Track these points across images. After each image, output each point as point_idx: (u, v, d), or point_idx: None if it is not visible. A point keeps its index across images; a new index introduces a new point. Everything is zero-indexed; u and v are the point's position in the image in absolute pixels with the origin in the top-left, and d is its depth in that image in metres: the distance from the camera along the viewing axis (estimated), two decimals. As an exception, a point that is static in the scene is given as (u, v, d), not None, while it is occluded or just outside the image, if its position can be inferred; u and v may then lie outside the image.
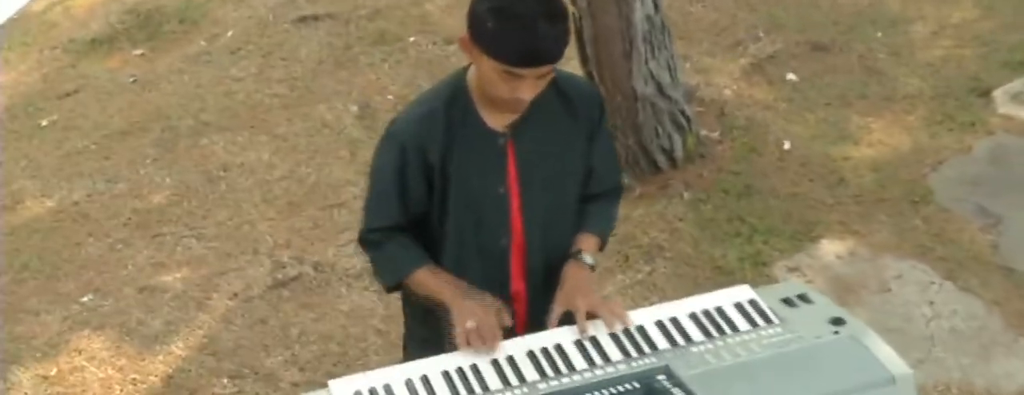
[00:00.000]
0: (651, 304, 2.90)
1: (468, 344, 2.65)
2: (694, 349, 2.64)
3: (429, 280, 2.82)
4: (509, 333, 2.75)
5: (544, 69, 2.54)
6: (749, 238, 5.08)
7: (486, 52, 2.53)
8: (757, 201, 5.32)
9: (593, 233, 2.93)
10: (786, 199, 5.34)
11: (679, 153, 5.49)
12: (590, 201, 2.97)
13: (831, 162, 5.59)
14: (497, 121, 2.74)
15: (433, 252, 2.86)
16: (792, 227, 5.13)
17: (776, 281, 4.69)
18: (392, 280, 2.92)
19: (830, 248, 4.98)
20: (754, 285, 2.89)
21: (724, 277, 4.81)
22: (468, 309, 2.70)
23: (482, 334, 2.65)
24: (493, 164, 2.76)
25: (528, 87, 2.57)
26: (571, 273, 2.82)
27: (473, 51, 2.58)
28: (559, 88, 2.77)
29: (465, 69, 2.77)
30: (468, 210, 2.79)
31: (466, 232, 2.82)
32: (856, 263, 4.89)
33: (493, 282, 2.83)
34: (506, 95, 2.59)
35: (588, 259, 2.85)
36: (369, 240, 2.89)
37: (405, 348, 3.22)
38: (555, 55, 2.52)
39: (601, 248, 2.97)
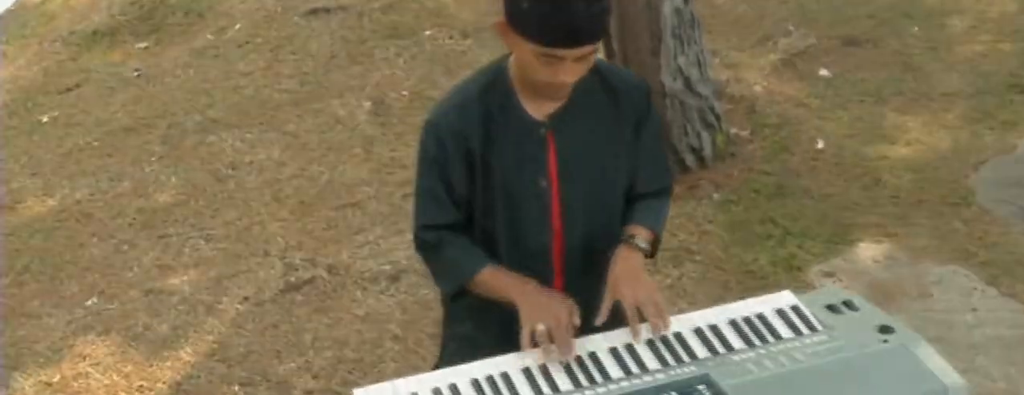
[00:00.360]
0: (680, 310, 2.88)
1: (534, 346, 2.63)
2: (735, 358, 2.61)
3: (493, 281, 2.80)
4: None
5: (584, 49, 2.52)
6: (782, 241, 5.06)
7: (523, 34, 2.52)
8: (790, 202, 5.31)
9: (643, 225, 2.90)
10: (820, 200, 5.32)
11: (708, 152, 5.48)
12: (637, 200, 2.95)
13: (866, 162, 5.58)
14: (538, 111, 2.73)
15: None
16: (827, 230, 5.11)
17: (811, 286, 4.67)
18: (452, 286, 2.89)
19: (867, 252, 4.96)
20: (789, 290, 2.87)
21: (756, 282, 4.79)
22: (539, 309, 2.68)
23: (555, 338, 2.63)
24: (533, 155, 2.75)
25: (568, 70, 2.56)
26: (621, 257, 2.80)
27: (509, 35, 2.58)
28: (604, 79, 2.76)
29: (506, 57, 2.75)
30: (509, 204, 2.77)
31: (507, 228, 2.80)
32: (894, 268, 4.86)
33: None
34: (546, 79, 2.58)
35: (640, 242, 2.83)
36: (425, 241, 2.86)
37: (443, 346, 3.20)
38: (594, 34, 2.51)
39: (654, 243, 2.94)
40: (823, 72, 6.35)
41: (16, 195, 6.11)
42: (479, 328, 2.97)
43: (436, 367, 3.05)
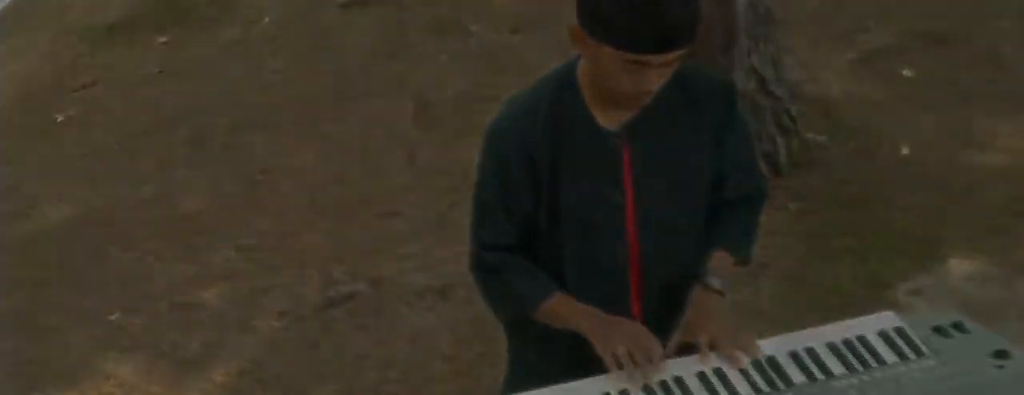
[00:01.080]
0: (757, 330, 2.86)
1: (621, 368, 2.60)
2: (835, 384, 2.60)
3: (559, 309, 2.77)
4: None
5: (675, 55, 2.47)
6: (864, 256, 5.04)
7: (604, 40, 2.46)
8: (872, 214, 5.28)
9: (724, 247, 2.87)
10: (905, 212, 5.29)
11: (783, 158, 5.46)
12: (723, 207, 2.92)
13: (956, 169, 5.54)
14: (610, 120, 2.70)
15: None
16: (913, 244, 5.08)
17: (899, 305, 4.64)
18: (510, 314, 2.90)
19: (958, 269, 4.93)
20: (872, 309, 2.85)
21: (837, 300, 4.76)
22: (613, 333, 2.66)
23: (637, 357, 2.60)
24: (607, 169, 2.72)
25: (655, 77, 2.50)
26: (696, 300, 2.77)
27: (586, 42, 2.53)
28: (683, 82, 2.68)
29: (575, 59, 2.73)
30: (579, 220, 2.74)
31: (577, 246, 2.78)
32: (988, 286, 4.83)
33: (610, 305, 2.80)
34: (630, 88, 2.52)
35: (715, 283, 2.81)
36: (483, 262, 2.84)
37: (509, 369, 3.19)
38: (688, 37, 2.44)
39: (741, 264, 2.92)
40: (906, 72, 6.33)
41: (30, 201, 6.15)
42: (544, 356, 2.95)
43: (503, 392, 3.05)
